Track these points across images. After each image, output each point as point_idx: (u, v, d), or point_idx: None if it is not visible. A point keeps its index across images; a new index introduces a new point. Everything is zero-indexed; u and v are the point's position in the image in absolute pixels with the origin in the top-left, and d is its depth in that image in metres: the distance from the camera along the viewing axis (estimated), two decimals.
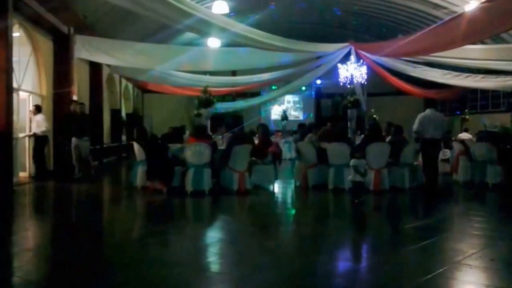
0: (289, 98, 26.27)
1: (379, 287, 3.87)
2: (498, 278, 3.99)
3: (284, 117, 23.46)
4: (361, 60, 14.69)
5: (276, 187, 9.46)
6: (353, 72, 14.76)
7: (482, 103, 20.18)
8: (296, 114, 26.68)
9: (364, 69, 14.91)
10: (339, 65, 15.16)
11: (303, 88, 23.89)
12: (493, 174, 9.52)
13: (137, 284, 3.80)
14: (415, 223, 6.55)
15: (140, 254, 4.74)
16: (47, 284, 3.91)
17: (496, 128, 10.89)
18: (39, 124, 10.34)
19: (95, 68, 14.70)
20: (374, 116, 17.25)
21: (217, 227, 6.40)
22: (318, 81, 23.92)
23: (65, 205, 8.28)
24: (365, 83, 15.40)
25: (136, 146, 9.22)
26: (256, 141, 9.87)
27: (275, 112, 26.03)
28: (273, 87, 22.34)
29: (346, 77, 14.92)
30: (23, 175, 10.46)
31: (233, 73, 20.59)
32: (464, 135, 13.99)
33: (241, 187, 8.56)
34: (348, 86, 14.74)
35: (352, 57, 14.51)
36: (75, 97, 11.63)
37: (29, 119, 10.66)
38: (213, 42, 13.84)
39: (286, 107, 25.26)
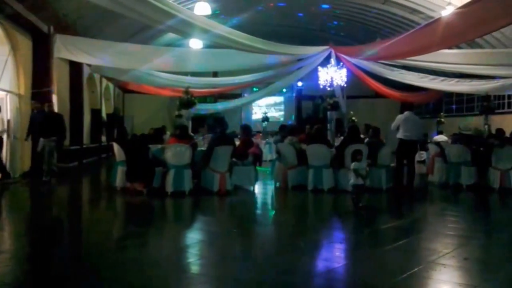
0: (270, 99, 26.42)
1: (356, 286, 3.95)
2: (471, 276, 4.09)
3: (265, 118, 23.60)
4: (341, 63, 14.88)
5: (257, 188, 9.53)
6: (333, 74, 14.94)
7: (457, 106, 20.64)
8: (277, 116, 26.85)
9: (343, 72, 15.10)
10: (319, 67, 15.32)
11: (284, 90, 24.07)
12: (467, 175, 9.77)
13: (116, 286, 3.81)
14: (391, 223, 6.66)
15: (119, 255, 4.75)
16: (22, 287, 3.83)
17: (470, 131, 11.19)
18: None
19: (75, 68, 14.57)
20: (353, 118, 17.53)
21: (197, 228, 6.42)
22: (299, 83, 24.16)
23: (34, 208, 8.08)
24: (345, 85, 15.59)
25: (116, 146, 9.18)
26: (238, 142, 9.95)
27: (257, 113, 26.18)
28: (255, 89, 22.44)
29: (326, 80, 15.09)
30: None
31: (215, 74, 20.63)
32: (440, 137, 14.30)
33: (221, 188, 8.60)
34: (328, 88, 14.92)
35: (332, 60, 14.69)
36: (54, 98, 11.48)
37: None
38: (195, 43, 13.88)
39: (265, 111, 25.38)
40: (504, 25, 9.00)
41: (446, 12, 10.98)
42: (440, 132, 15.81)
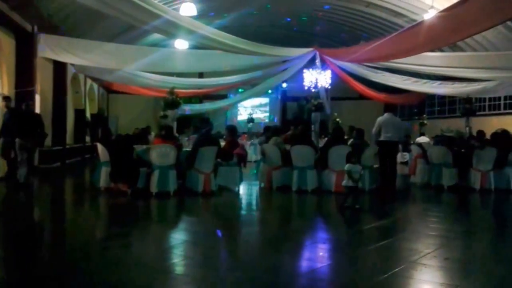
0: (255, 101, 26.48)
1: (339, 286, 4.00)
2: (451, 276, 4.15)
3: (250, 119, 23.66)
4: (326, 65, 14.98)
5: (241, 189, 9.56)
6: (317, 76, 15.04)
7: (439, 109, 20.94)
8: (262, 117, 26.92)
9: (328, 74, 15.21)
10: (304, 69, 15.41)
11: (269, 91, 24.14)
12: (448, 177, 9.93)
13: (99, 287, 3.80)
14: (374, 223, 6.73)
15: (103, 256, 4.73)
16: None
17: (452, 133, 11.39)
18: None
19: (59, 68, 14.45)
20: (338, 119, 17.67)
21: (181, 228, 6.42)
22: (284, 85, 24.26)
23: (17, 209, 7.89)
24: (329, 87, 15.71)
25: (100, 146, 9.13)
26: (223, 143, 9.97)
27: (242, 114, 26.23)
28: (240, 90, 22.48)
29: (311, 81, 15.19)
30: None
31: (200, 75, 20.61)
32: (422, 139, 14.50)
33: (206, 189, 8.61)
34: (313, 90, 15.01)
35: (317, 62, 14.78)
36: (37, 98, 11.35)
37: None
38: (181, 44, 13.86)
39: (250, 112, 25.42)
40: (485, 28, 9.20)
41: (429, 15, 11.15)
42: (422, 134, 16.06)
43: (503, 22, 10.50)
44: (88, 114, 19.40)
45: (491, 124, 13.47)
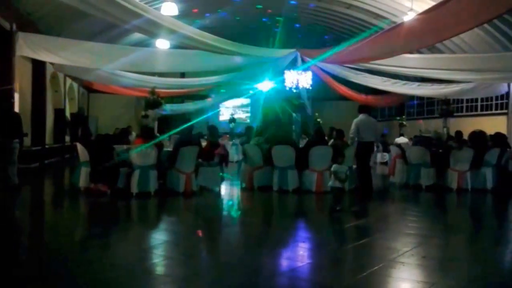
0: (237, 101, 26.48)
1: (318, 284, 4.04)
2: (428, 274, 4.23)
3: (232, 119, 23.68)
4: (307, 66, 15.10)
5: (222, 189, 9.57)
6: (299, 77, 15.15)
7: (418, 110, 21.26)
8: (244, 117, 26.95)
9: (309, 75, 15.33)
10: (285, 70, 15.50)
11: (251, 91, 24.17)
12: (426, 177, 10.08)
13: (80, 287, 3.79)
14: (353, 222, 6.79)
15: (83, 256, 4.70)
16: None
17: (430, 133, 11.58)
18: None
19: (38, 66, 14.21)
20: (319, 120, 17.81)
21: (162, 228, 6.40)
22: (266, 85, 24.28)
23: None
24: (310, 88, 15.83)
25: (79, 146, 9.05)
26: (205, 143, 9.97)
27: (224, 114, 26.20)
28: (222, 90, 22.47)
29: (292, 82, 15.29)
30: None
31: (182, 75, 20.54)
32: (401, 140, 14.72)
33: (187, 189, 8.60)
34: (294, 90, 15.11)
35: (298, 63, 14.89)
36: (16, 96, 11.12)
37: None
38: (162, 44, 13.79)
39: (232, 112, 25.43)
40: (461, 31, 9.42)
41: (408, 17, 11.32)
42: (401, 135, 16.30)
43: (477, 26, 10.74)
44: (68, 114, 19.14)
45: (468, 125, 13.74)
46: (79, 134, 17.02)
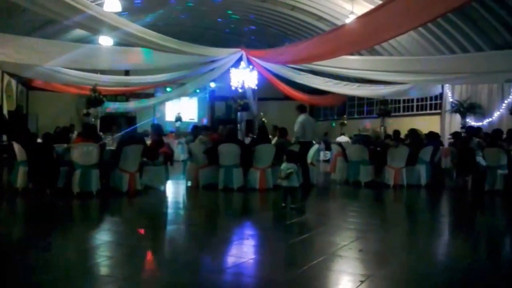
0: (184, 100, 26.24)
1: (261, 279, 4.16)
2: (364, 267, 4.41)
3: (178, 118, 23.46)
4: (251, 66, 15.24)
5: (168, 188, 9.52)
6: (244, 77, 15.27)
7: (358, 110, 22.01)
8: (190, 116, 26.74)
9: (254, 74, 15.48)
10: (231, 69, 15.57)
11: (198, 90, 24.06)
12: (365, 173, 10.47)
13: None
14: (296, 219, 6.92)
15: (22, 258, 4.56)
16: None
17: (368, 132, 12.05)
18: None
19: None
20: (263, 119, 18.04)
21: (104, 228, 6.30)
22: (212, 84, 24.26)
23: None
24: (256, 88, 15.99)
25: (16, 145, 8.71)
26: (149, 142, 9.86)
27: (170, 113, 25.88)
28: (168, 89, 22.22)
29: (238, 81, 15.39)
30: None
31: (126, 72, 20.10)
32: (342, 138, 15.20)
33: (131, 188, 8.50)
34: (240, 90, 15.22)
35: (243, 62, 15.01)
36: None
37: None
38: (105, 40, 13.47)
39: (179, 111, 25.20)
40: (398, 34, 9.87)
41: (349, 20, 11.72)
42: (342, 134, 16.83)
43: (412, 30, 11.28)
44: (5, 112, 18.23)
45: (405, 124, 14.35)
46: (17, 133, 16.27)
